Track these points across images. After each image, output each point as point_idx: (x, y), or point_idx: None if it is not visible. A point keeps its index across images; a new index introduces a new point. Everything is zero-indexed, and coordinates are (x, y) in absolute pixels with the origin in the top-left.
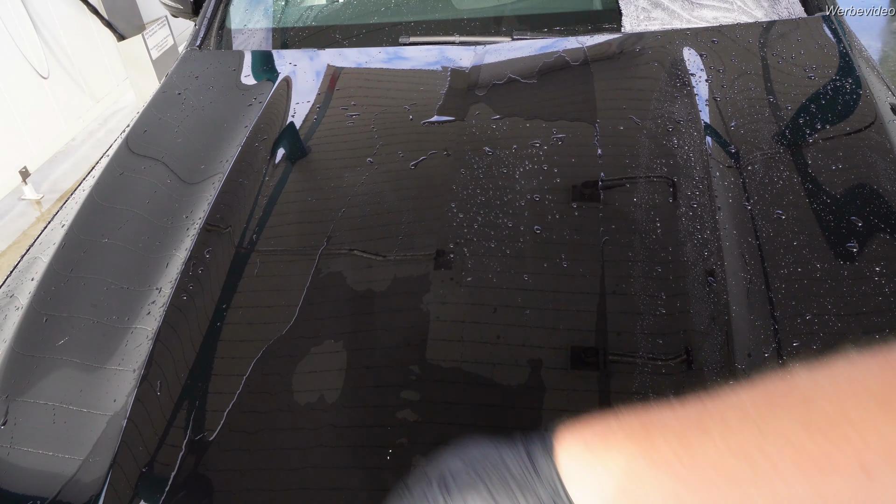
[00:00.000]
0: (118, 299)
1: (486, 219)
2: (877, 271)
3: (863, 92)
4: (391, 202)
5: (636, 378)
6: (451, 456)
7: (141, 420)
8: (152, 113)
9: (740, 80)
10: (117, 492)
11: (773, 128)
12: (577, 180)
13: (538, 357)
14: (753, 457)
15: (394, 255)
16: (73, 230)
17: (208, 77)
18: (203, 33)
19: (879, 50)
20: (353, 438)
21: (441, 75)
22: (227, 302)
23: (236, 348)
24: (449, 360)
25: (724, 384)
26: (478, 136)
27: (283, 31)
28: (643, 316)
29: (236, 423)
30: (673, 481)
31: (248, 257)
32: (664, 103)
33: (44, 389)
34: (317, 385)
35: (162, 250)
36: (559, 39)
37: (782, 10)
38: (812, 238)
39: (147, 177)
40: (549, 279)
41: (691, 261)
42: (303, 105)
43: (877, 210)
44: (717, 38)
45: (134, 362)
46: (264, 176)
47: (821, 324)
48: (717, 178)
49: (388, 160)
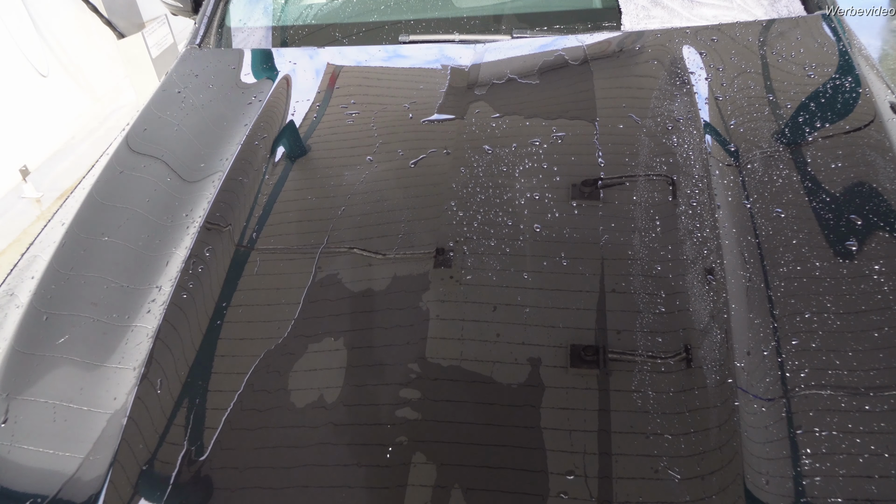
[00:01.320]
0: (118, 298)
1: (486, 217)
2: (876, 269)
3: (862, 90)
4: (391, 200)
5: (635, 376)
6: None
7: (141, 418)
8: (152, 111)
9: (740, 78)
10: (118, 490)
11: (772, 126)
12: (577, 179)
13: (538, 355)
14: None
15: (394, 253)
16: (73, 229)
17: (208, 75)
18: (203, 31)
19: (879, 48)
20: (353, 436)
21: (441, 74)
22: (227, 300)
23: (236, 346)
24: (448, 358)
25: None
26: (477, 134)
27: (282, 30)
28: (642, 314)
29: (236, 421)
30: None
31: (248, 256)
32: (664, 102)
33: (44, 387)
34: (316, 383)
35: (162, 249)
36: (559, 38)
37: (782, 9)
38: (811, 236)
39: (147, 175)
40: (548, 277)
41: (691, 259)
42: (302, 103)
43: (876, 208)
44: (717, 36)
45: (134, 360)
46: (264, 174)
47: (820, 322)
48: (716, 176)
49: (387, 159)
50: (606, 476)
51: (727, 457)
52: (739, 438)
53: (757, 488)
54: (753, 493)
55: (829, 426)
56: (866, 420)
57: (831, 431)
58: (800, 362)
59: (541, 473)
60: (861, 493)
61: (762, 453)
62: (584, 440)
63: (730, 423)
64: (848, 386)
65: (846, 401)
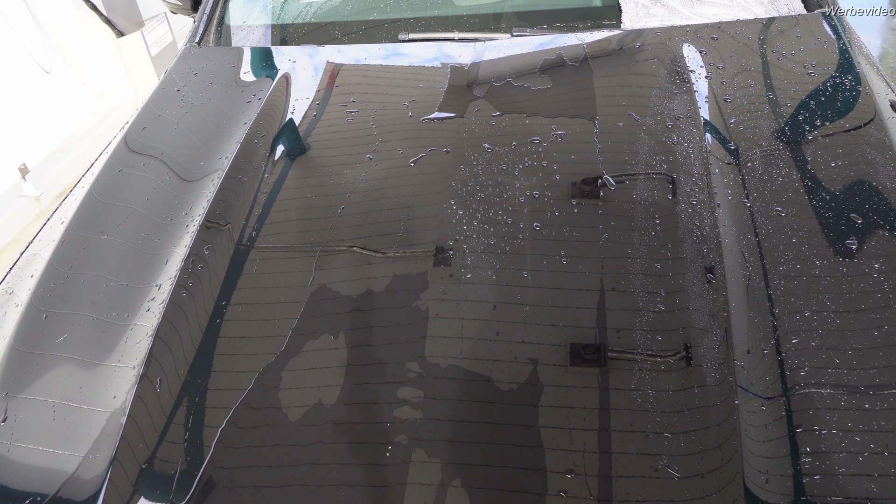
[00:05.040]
0: (118, 296)
1: (486, 216)
2: (875, 268)
3: (862, 89)
4: (391, 199)
5: (635, 375)
6: None
7: (141, 416)
8: (151, 110)
9: (740, 76)
10: (117, 488)
11: (772, 124)
12: (577, 177)
13: (537, 354)
14: None
15: (393, 251)
16: (72, 227)
17: (207, 74)
18: (202, 30)
19: (879, 47)
20: (353, 435)
21: (440, 72)
22: (226, 298)
23: (236, 345)
24: (448, 356)
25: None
26: (477, 132)
27: (282, 28)
28: (642, 313)
29: (235, 419)
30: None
31: (248, 254)
32: (664, 100)
33: (44, 386)
34: (316, 382)
35: (161, 247)
36: (559, 36)
37: (782, 7)
38: (811, 234)
39: (146, 174)
40: (548, 276)
41: (690, 257)
42: (302, 102)
43: (876, 207)
44: (717, 34)
45: (134, 359)
46: (263, 173)
47: (819, 320)
48: (716, 174)
49: (387, 157)
50: (606, 475)
51: (727, 455)
52: (739, 437)
53: (757, 487)
54: (753, 492)
55: (829, 425)
56: (866, 419)
57: (831, 430)
58: (799, 361)
59: (540, 472)
60: (861, 492)
61: (762, 452)
62: (583, 439)
63: (730, 421)
64: (848, 384)
65: (846, 399)
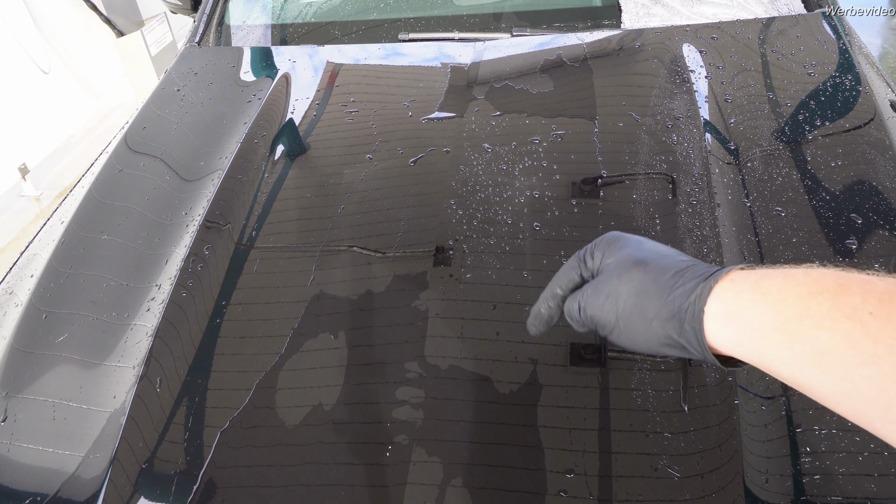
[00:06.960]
0: (118, 296)
1: (486, 215)
2: (875, 268)
3: (862, 88)
4: (391, 199)
5: (635, 374)
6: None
7: (141, 417)
8: (151, 110)
9: (740, 76)
10: (117, 488)
11: (772, 124)
12: (577, 177)
13: (537, 354)
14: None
15: (393, 251)
16: (72, 227)
17: (207, 73)
18: (202, 30)
19: (879, 47)
20: (353, 435)
21: (440, 72)
22: (226, 298)
23: (236, 345)
24: (448, 356)
25: (722, 380)
26: (477, 132)
27: (282, 28)
28: None
29: (236, 419)
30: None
31: (248, 254)
32: (664, 100)
33: (43, 386)
34: (316, 381)
35: (161, 247)
36: (559, 36)
37: (782, 7)
38: (811, 235)
39: (146, 173)
40: (548, 276)
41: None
42: (302, 102)
43: (876, 207)
44: (717, 34)
45: (134, 359)
46: (263, 173)
47: None
48: (716, 174)
49: (387, 157)
50: (606, 474)
51: (727, 455)
52: (739, 437)
53: (757, 487)
54: (753, 492)
55: (830, 424)
56: None
57: (831, 430)
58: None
59: (540, 472)
60: (861, 492)
61: (762, 451)
62: (583, 438)
63: (730, 421)
64: None
65: None
